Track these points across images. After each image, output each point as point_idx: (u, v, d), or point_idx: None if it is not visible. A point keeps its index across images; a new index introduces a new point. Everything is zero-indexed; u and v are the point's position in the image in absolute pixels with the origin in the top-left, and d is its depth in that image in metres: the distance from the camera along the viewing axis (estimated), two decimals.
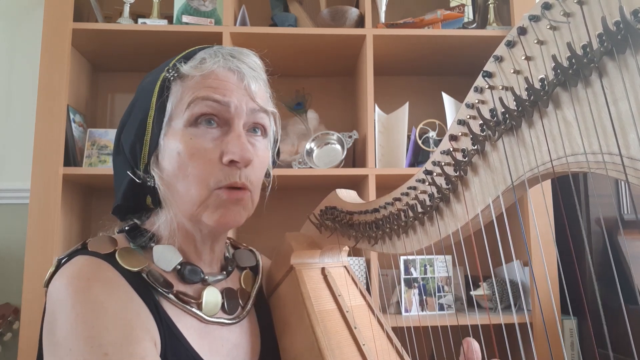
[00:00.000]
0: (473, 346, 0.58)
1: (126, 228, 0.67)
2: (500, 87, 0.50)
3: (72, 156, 1.52)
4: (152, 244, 0.66)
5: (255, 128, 0.66)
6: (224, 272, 0.72)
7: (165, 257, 0.65)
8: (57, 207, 1.42)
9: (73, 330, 0.52)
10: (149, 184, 0.64)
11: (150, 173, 0.64)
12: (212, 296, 0.66)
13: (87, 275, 0.56)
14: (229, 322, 0.67)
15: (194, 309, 0.63)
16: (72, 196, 1.56)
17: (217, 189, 0.62)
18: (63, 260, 0.61)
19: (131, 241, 0.65)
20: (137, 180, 0.64)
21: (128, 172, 0.64)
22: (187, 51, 0.67)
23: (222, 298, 0.68)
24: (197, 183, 0.61)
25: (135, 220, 0.68)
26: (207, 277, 0.68)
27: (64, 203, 1.45)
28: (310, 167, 1.57)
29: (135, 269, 0.60)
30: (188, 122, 0.62)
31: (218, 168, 0.62)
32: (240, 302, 0.70)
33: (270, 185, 0.75)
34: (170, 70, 0.64)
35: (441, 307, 1.53)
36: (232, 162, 0.62)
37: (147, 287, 0.61)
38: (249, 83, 0.64)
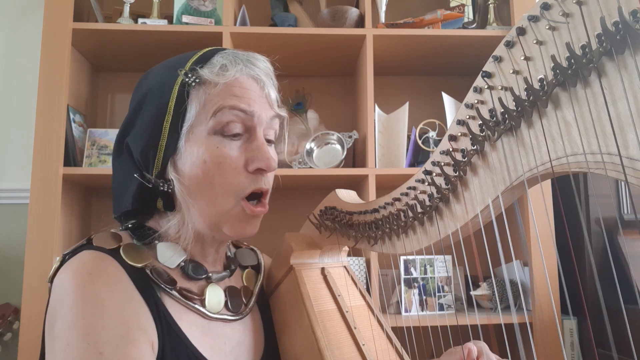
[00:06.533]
0: (473, 354, 0.59)
1: (129, 225, 0.67)
2: (500, 88, 0.50)
3: (72, 156, 1.52)
4: (156, 242, 0.66)
5: (268, 134, 0.68)
6: (227, 271, 0.72)
7: (170, 255, 0.65)
8: (57, 207, 1.42)
9: (72, 326, 0.52)
10: (161, 188, 0.63)
11: (165, 177, 0.64)
12: (215, 294, 0.66)
13: (90, 270, 0.57)
14: (232, 318, 0.67)
15: (197, 306, 0.64)
16: (72, 196, 1.56)
17: (243, 199, 0.64)
18: (68, 256, 0.61)
19: (135, 238, 0.65)
20: (148, 185, 0.63)
21: (136, 175, 0.63)
22: (200, 54, 0.66)
23: (225, 296, 0.68)
24: (225, 193, 0.63)
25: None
26: (210, 275, 0.68)
27: (64, 203, 1.45)
28: (310, 167, 1.57)
29: (139, 265, 0.61)
30: (213, 130, 0.63)
31: (243, 176, 0.64)
32: (244, 299, 0.71)
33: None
34: (189, 75, 0.63)
35: (441, 307, 1.53)
36: (258, 170, 0.64)
37: (149, 283, 0.61)
38: (269, 92, 0.67)
